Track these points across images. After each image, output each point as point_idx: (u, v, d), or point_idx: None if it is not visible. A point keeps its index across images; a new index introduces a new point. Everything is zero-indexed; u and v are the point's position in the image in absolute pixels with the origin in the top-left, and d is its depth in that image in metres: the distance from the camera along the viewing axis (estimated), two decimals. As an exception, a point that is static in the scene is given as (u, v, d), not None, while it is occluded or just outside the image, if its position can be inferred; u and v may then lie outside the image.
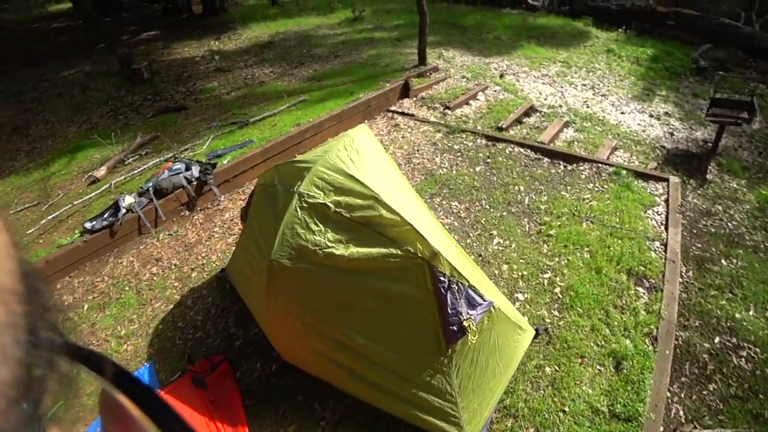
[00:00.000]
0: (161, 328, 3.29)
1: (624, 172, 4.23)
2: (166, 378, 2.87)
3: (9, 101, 7.78)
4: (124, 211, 4.22)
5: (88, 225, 4.18)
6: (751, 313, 2.97)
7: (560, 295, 2.97)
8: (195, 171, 4.49)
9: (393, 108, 5.76)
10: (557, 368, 2.55)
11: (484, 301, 1.99)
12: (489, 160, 4.52)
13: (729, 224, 3.85)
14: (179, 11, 11.93)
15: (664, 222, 3.65)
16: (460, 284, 1.90)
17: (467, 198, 3.99)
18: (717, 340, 2.80)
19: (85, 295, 3.75)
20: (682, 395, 2.55)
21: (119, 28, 10.99)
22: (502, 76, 6.45)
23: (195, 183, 4.45)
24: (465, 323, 1.89)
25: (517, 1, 10.62)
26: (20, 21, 13.22)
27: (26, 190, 5.23)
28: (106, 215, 4.26)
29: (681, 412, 2.48)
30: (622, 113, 5.85)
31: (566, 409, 2.36)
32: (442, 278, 1.86)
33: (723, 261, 3.41)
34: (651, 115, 5.84)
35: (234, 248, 3.83)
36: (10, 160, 6.07)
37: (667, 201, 3.89)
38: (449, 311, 1.89)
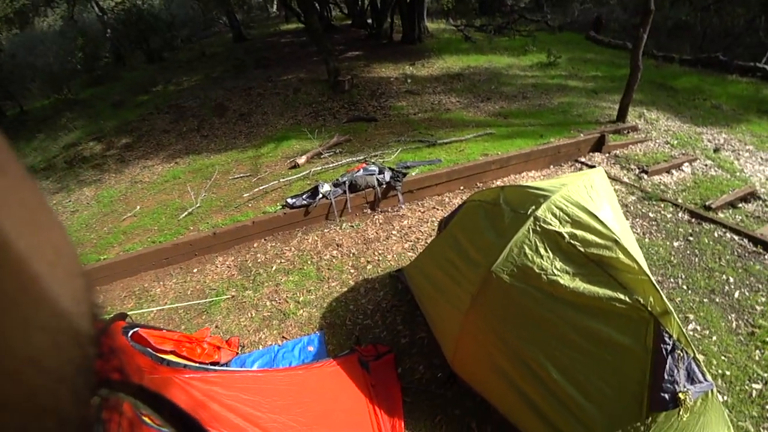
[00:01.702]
0: (334, 305, 3.61)
1: None
2: (333, 351, 3.12)
3: (241, 94, 9.72)
4: (320, 196, 4.86)
5: (290, 200, 4.92)
6: None
7: (775, 415, 2.50)
8: (387, 175, 4.96)
9: (582, 159, 5.56)
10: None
11: (706, 380, 1.82)
12: (691, 238, 4.04)
13: None
14: (382, 37, 13.36)
15: None
16: (685, 352, 1.78)
17: (660, 271, 3.63)
18: None
19: (274, 258, 4.39)
20: None
21: (331, 45, 12.89)
22: (716, 150, 5.71)
23: (384, 186, 4.91)
24: (680, 395, 1.76)
25: (751, 68, 8.99)
26: (260, 35, 16.59)
27: (241, 163, 6.46)
28: (304, 196, 4.94)
29: None
30: None
31: None
32: (667, 339, 1.77)
33: None
34: None
35: (410, 253, 4.13)
36: (233, 138, 7.62)
37: None
38: (665, 377, 1.77)
